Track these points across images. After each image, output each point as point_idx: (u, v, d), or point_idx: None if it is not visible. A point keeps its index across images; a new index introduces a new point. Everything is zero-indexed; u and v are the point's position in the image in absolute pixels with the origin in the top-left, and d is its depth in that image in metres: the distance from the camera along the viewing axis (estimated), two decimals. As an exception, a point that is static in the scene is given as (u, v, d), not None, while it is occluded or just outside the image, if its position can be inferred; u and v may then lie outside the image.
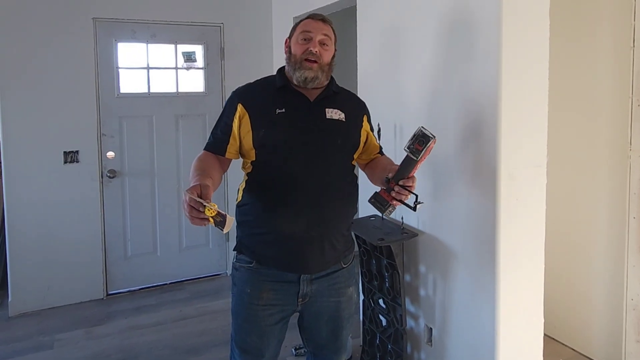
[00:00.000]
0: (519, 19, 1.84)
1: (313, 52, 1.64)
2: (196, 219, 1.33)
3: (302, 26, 1.69)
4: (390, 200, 1.59)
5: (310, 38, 1.65)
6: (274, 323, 1.69)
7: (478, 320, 2.01)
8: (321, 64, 1.66)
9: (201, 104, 3.91)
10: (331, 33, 1.70)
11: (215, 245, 4.07)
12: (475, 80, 1.95)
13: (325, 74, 1.69)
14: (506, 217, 1.88)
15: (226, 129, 1.67)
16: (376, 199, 1.62)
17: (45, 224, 3.46)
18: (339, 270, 1.74)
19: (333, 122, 1.68)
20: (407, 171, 1.57)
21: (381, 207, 1.61)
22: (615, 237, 2.58)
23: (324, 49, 1.67)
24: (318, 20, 1.69)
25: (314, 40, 1.65)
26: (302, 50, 1.65)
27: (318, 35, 1.66)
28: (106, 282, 3.69)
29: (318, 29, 1.67)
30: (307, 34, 1.66)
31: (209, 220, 1.34)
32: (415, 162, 1.56)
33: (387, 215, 1.65)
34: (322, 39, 1.66)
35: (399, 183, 1.56)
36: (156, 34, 3.73)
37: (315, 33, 1.66)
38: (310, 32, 1.66)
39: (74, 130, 3.50)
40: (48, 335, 3.14)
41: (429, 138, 1.54)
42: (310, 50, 1.64)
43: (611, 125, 2.57)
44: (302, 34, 1.67)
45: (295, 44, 1.68)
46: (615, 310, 2.59)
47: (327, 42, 1.68)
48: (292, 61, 1.67)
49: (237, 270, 1.73)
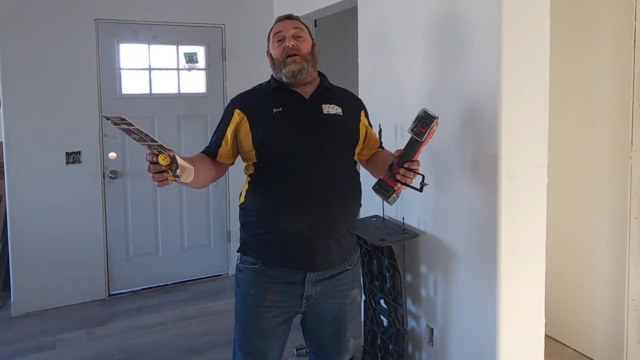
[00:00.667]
0: (519, 19, 1.84)
1: (290, 46, 1.69)
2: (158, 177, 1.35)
3: (273, 31, 1.76)
4: (394, 185, 1.59)
5: (284, 37, 1.71)
6: (278, 325, 1.69)
7: (479, 320, 2.01)
8: (302, 54, 1.70)
9: (203, 105, 3.92)
10: (301, 25, 1.76)
11: (217, 246, 4.07)
12: (475, 81, 1.95)
13: (311, 64, 1.72)
14: (507, 217, 1.88)
15: (221, 134, 1.71)
16: (380, 185, 1.62)
17: (47, 225, 3.47)
18: (343, 272, 1.74)
19: (331, 117, 1.69)
20: (412, 154, 1.58)
21: (385, 193, 1.60)
22: (616, 238, 2.57)
23: (300, 41, 1.72)
24: (284, 19, 1.77)
25: (287, 36, 1.71)
26: (281, 50, 1.71)
27: (289, 31, 1.72)
28: (108, 282, 3.70)
29: (287, 26, 1.74)
30: (279, 34, 1.73)
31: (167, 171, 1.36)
32: (420, 144, 1.57)
33: (391, 202, 1.64)
34: (294, 32, 1.72)
35: (404, 166, 1.56)
36: (158, 35, 3.73)
37: (286, 30, 1.72)
38: (281, 31, 1.73)
39: (76, 131, 3.51)
40: (50, 335, 3.14)
41: (432, 119, 1.54)
42: (287, 46, 1.69)
43: (612, 125, 2.57)
44: (275, 36, 1.74)
45: (273, 48, 1.74)
46: (616, 311, 2.59)
47: (300, 34, 1.73)
48: (276, 64, 1.72)
49: (241, 271, 1.73)
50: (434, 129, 1.57)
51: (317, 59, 1.77)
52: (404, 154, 1.59)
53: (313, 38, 1.79)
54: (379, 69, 2.64)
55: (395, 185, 1.59)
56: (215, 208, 4.04)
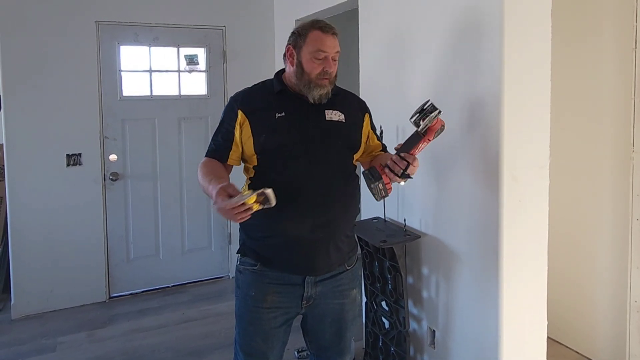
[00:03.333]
0: (521, 21, 1.84)
1: (330, 72, 1.64)
2: (243, 214, 1.38)
3: (315, 42, 1.62)
4: (382, 173, 1.57)
5: (326, 58, 1.63)
6: (278, 326, 1.69)
7: (481, 322, 2.00)
8: (331, 79, 1.67)
9: (203, 107, 3.92)
10: (339, 46, 1.68)
11: (217, 248, 4.07)
12: (477, 82, 1.95)
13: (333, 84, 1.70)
14: (509, 219, 1.88)
15: (228, 135, 1.67)
16: (369, 171, 1.60)
17: (47, 227, 3.47)
18: (343, 273, 1.74)
19: (333, 123, 1.69)
20: (410, 147, 1.57)
21: (371, 178, 1.58)
22: (618, 239, 2.57)
23: (334, 64, 1.67)
24: (330, 35, 1.64)
25: (329, 60, 1.63)
26: (319, 70, 1.62)
27: (333, 54, 1.64)
28: (109, 284, 3.69)
29: (332, 48, 1.64)
30: (323, 53, 1.62)
31: (252, 208, 1.38)
32: (419, 139, 1.56)
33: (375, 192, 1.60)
34: (335, 55, 1.66)
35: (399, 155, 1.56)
36: (159, 37, 3.74)
37: (331, 51, 1.63)
38: (326, 52, 1.62)
39: (76, 133, 3.51)
40: (51, 338, 3.14)
41: (433, 110, 1.54)
42: (327, 70, 1.63)
43: (614, 126, 2.56)
44: (318, 52, 1.61)
45: (310, 62, 1.62)
46: (619, 312, 2.58)
47: (337, 58, 1.68)
48: (306, 79, 1.63)
49: (241, 273, 1.73)
50: (435, 125, 1.56)
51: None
52: (403, 145, 1.59)
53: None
54: (380, 70, 2.64)
55: (383, 173, 1.57)
56: (216, 210, 4.02)
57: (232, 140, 1.66)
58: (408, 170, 1.54)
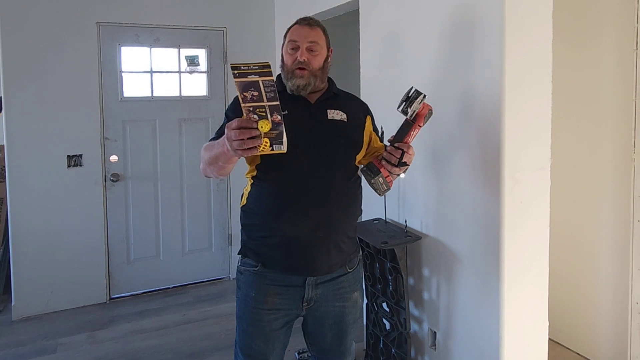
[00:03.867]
0: (521, 23, 1.84)
1: (301, 60, 1.65)
2: (250, 143, 1.29)
3: (290, 34, 1.70)
4: (379, 167, 1.58)
5: (298, 47, 1.67)
6: (279, 327, 1.69)
7: (482, 324, 2.00)
8: (312, 70, 1.66)
9: (204, 108, 3.92)
10: (319, 37, 1.69)
11: (218, 249, 4.06)
12: (478, 84, 1.95)
13: (319, 79, 1.69)
14: (510, 220, 1.88)
15: None
16: (367, 167, 1.62)
17: (48, 228, 3.46)
18: (344, 275, 1.73)
19: (335, 122, 1.69)
20: (402, 136, 1.59)
21: (370, 173, 1.60)
22: (619, 240, 2.56)
23: (313, 55, 1.67)
24: (304, 26, 1.69)
25: (301, 48, 1.66)
26: (292, 60, 1.67)
27: (304, 44, 1.66)
28: (109, 286, 3.69)
29: (304, 37, 1.67)
30: (294, 43, 1.67)
31: (262, 142, 1.24)
32: (410, 126, 1.58)
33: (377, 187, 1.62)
34: (309, 46, 1.67)
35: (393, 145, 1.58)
36: (159, 38, 3.74)
37: (301, 41, 1.66)
38: (297, 40, 1.67)
39: (77, 134, 3.51)
40: (51, 339, 3.13)
41: (418, 95, 1.56)
42: (298, 59, 1.65)
43: (615, 127, 2.56)
44: (289, 43, 1.69)
45: (286, 53, 1.70)
46: (620, 314, 2.57)
47: (315, 48, 1.67)
48: (285, 71, 1.69)
49: (241, 274, 1.73)
50: (423, 111, 1.58)
51: (328, 69, 1.74)
52: (396, 136, 1.60)
53: (330, 46, 1.75)
54: (380, 71, 2.64)
55: (380, 167, 1.58)
56: (217, 211, 4.03)
57: None
58: (404, 158, 1.56)
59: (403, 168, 1.59)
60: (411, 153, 1.58)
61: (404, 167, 1.58)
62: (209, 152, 1.57)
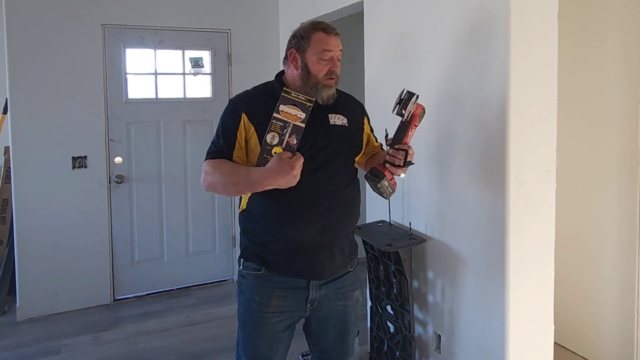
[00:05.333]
0: (527, 24, 1.83)
1: (336, 72, 1.64)
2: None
3: (320, 43, 1.61)
4: (383, 171, 1.60)
5: (332, 58, 1.62)
6: (283, 330, 1.68)
7: (487, 327, 1.98)
8: (337, 79, 1.67)
9: (208, 110, 3.92)
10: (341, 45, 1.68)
11: (222, 251, 4.06)
12: (483, 85, 1.94)
13: None
14: (516, 223, 1.86)
15: (229, 137, 1.62)
16: (371, 172, 1.63)
17: (53, 229, 3.47)
18: (345, 274, 1.74)
19: (337, 127, 1.68)
20: (400, 137, 1.61)
21: (375, 179, 1.61)
22: (625, 242, 2.55)
23: (339, 64, 1.67)
24: (334, 35, 1.64)
25: (334, 60, 1.63)
26: (326, 70, 1.62)
27: (337, 53, 1.64)
28: (113, 287, 3.70)
29: (337, 47, 1.64)
30: (328, 53, 1.61)
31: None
32: (407, 127, 1.60)
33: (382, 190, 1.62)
34: (339, 55, 1.65)
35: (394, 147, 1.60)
36: (164, 40, 3.74)
37: (335, 51, 1.63)
38: (331, 51, 1.62)
39: (82, 135, 3.52)
40: (55, 340, 3.14)
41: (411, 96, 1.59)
42: (334, 70, 1.63)
43: (620, 129, 2.55)
44: (324, 52, 1.61)
45: (316, 63, 1.61)
46: (626, 317, 2.55)
47: (340, 57, 1.67)
48: (313, 81, 1.62)
49: (244, 278, 1.72)
50: (417, 111, 1.60)
51: None
52: (394, 138, 1.62)
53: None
54: (385, 73, 2.63)
55: (384, 170, 1.60)
56: (220, 213, 4.03)
57: (234, 142, 1.62)
58: (408, 158, 1.59)
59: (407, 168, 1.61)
60: (411, 152, 1.61)
61: (409, 165, 1.61)
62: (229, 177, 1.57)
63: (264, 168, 1.49)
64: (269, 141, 1.42)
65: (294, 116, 1.39)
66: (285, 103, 1.41)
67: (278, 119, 1.40)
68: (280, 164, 1.45)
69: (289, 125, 1.39)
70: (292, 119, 1.39)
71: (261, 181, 1.50)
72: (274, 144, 1.41)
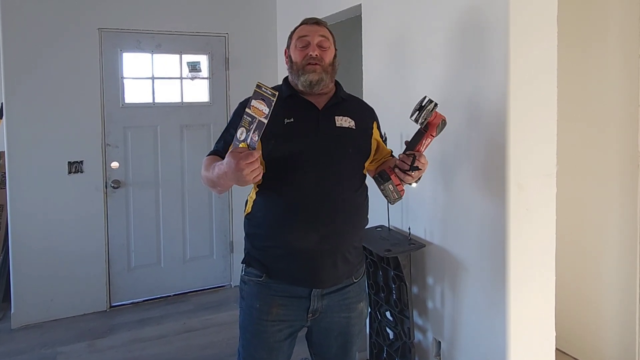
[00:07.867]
0: (526, 26, 1.82)
1: (313, 56, 1.63)
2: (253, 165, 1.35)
3: (297, 32, 1.69)
4: (390, 174, 1.58)
5: (308, 43, 1.65)
6: (283, 339, 1.65)
7: (488, 333, 1.96)
8: (323, 65, 1.65)
9: (206, 114, 3.90)
10: (328, 33, 1.70)
11: (219, 257, 4.03)
12: (483, 89, 1.93)
13: (330, 76, 1.67)
14: (516, 228, 1.85)
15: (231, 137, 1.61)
16: (379, 174, 1.61)
17: (48, 235, 3.44)
18: (350, 285, 1.69)
19: (343, 130, 1.65)
20: (414, 144, 1.58)
21: (381, 180, 1.59)
22: (626, 247, 2.53)
23: (323, 51, 1.66)
24: (312, 23, 1.70)
25: (312, 44, 1.65)
26: (302, 56, 1.65)
27: (315, 38, 1.65)
28: (109, 293, 3.66)
29: (314, 32, 1.66)
30: (304, 39, 1.66)
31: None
32: (422, 135, 1.58)
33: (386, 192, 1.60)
34: (319, 41, 1.66)
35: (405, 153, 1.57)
36: (161, 44, 3.73)
37: (312, 36, 1.66)
38: (307, 36, 1.66)
39: (78, 140, 3.50)
40: (51, 347, 3.10)
41: (429, 103, 1.56)
42: (310, 54, 1.63)
43: (621, 133, 2.54)
44: (299, 40, 1.67)
45: (294, 50, 1.68)
46: (627, 323, 2.54)
47: (325, 44, 1.67)
48: (295, 69, 1.67)
49: (245, 283, 1.69)
50: (435, 120, 1.57)
51: (337, 69, 1.72)
52: (409, 144, 1.60)
53: (336, 48, 1.73)
54: (384, 77, 2.62)
55: (391, 174, 1.58)
56: (218, 218, 4.00)
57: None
58: (415, 163, 1.55)
59: (416, 174, 1.56)
60: (423, 161, 1.57)
61: (417, 172, 1.56)
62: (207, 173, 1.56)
63: (221, 163, 1.45)
64: (238, 136, 1.40)
65: (260, 111, 1.37)
66: (256, 98, 1.39)
67: (248, 114, 1.39)
68: (229, 160, 1.38)
69: (255, 121, 1.37)
70: (258, 114, 1.37)
71: (218, 176, 1.47)
72: (241, 139, 1.38)
